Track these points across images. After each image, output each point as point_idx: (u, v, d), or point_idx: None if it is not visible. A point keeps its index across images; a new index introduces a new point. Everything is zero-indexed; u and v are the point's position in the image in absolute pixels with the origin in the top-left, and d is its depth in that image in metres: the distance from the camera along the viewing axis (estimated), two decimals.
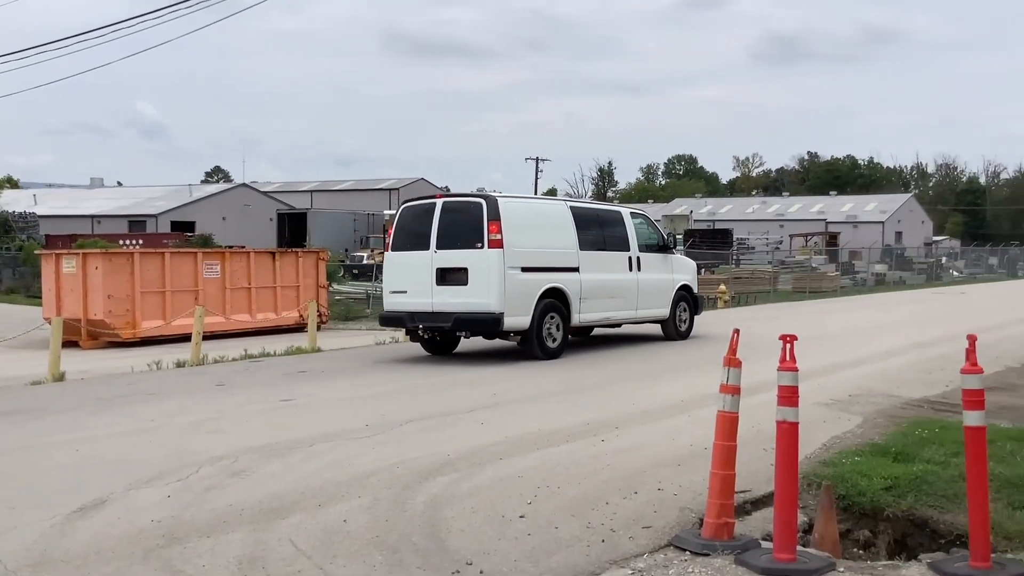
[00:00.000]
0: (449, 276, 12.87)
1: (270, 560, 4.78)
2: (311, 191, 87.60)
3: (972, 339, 4.87)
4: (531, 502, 5.83)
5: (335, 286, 31.05)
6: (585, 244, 14.08)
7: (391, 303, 13.67)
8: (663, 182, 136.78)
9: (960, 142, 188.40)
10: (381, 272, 36.28)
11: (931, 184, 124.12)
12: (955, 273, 56.44)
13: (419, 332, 13.48)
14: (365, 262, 45.75)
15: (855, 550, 5.95)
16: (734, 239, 57.51)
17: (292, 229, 61.24)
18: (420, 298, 13.12)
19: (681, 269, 16.42)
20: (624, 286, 14.78)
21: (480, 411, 9.10)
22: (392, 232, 13.78)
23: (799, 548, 5.00)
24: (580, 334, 15.94)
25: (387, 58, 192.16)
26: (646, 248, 15.57)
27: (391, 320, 13.81)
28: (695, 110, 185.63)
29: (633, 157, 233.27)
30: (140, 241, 43.60)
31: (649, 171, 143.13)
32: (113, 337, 19.41)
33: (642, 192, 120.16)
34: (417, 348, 14.38)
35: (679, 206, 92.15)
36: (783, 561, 4.77)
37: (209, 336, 18.17)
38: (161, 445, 7.64)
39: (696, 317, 16.73)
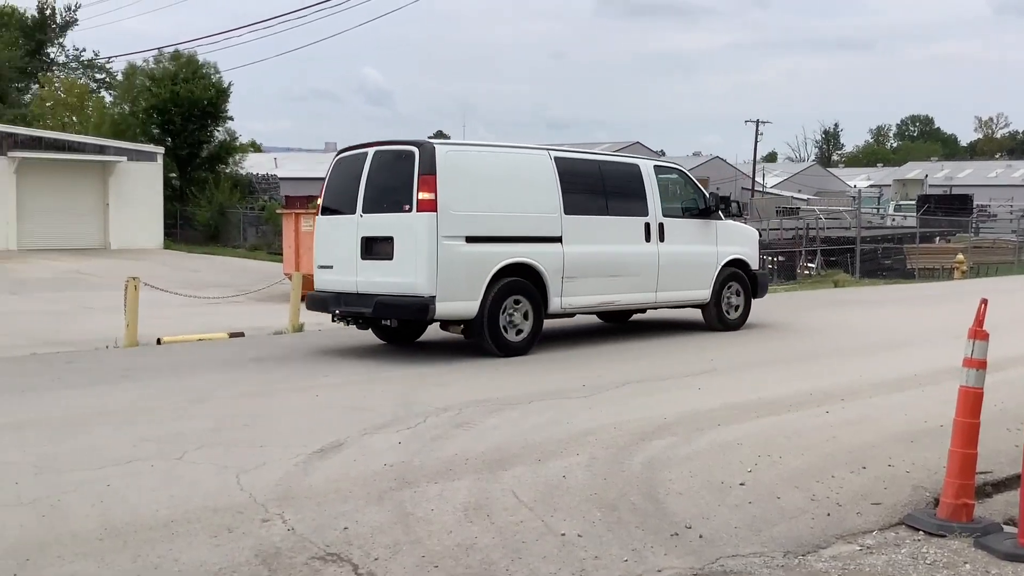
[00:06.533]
0: (375, 247, 10.09)
1: (494, 509, 4.95)
2: None
3: None
4: (751, 470, 5.72)
5: None
6: (574, 206, 10.83)
7: (319, 281, 10.85)
8: (895, 144, 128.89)
9: None
10: None
11: None
12: None
13: (346, 319, 10.70)
14: None
15: None
16: (974, 206, 53.50)
17: None
18: (345, 275, 10.42)
19: (731, 239, 12.75)
20: (636, 261, 11.44)
21: (698, 376, 8.99)
22: (323, 190, 11.13)
23: None
24: (614, 319, 13.26)
25: (601, 20, 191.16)
26: (676, 212, 12.24)
27: (316, 302, 10.82)
28: (931, 67, 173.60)
29: (861, 118, 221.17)
30: None
31: (879, 133, 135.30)
32: None
33: (871, 155, 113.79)
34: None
35: (912, 170, 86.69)
36: None
37: None
38: (391, 394, 8.06)
39: (756, 300, 13.12)
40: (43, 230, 33.04)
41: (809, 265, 30.90)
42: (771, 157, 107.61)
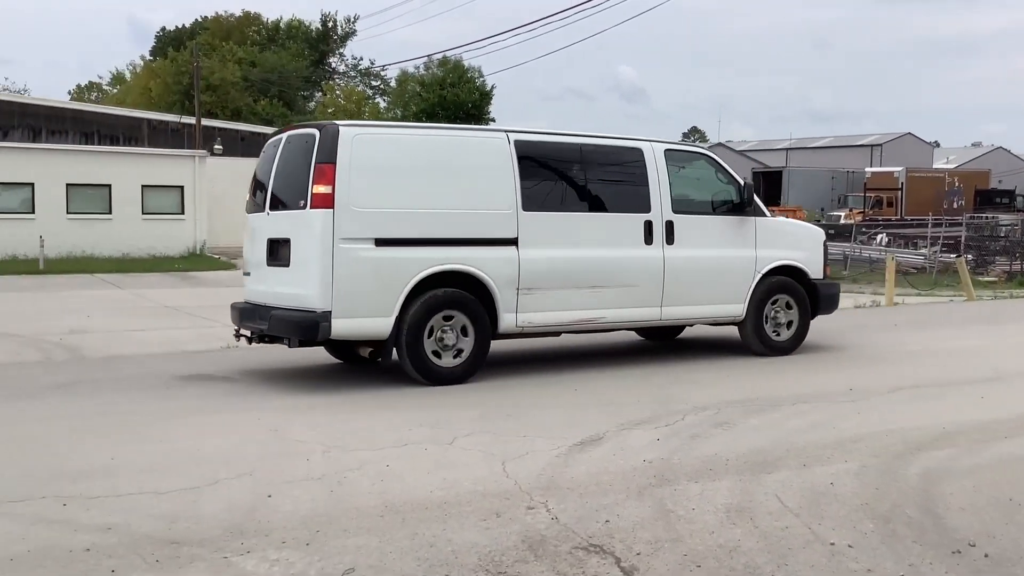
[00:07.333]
0: (277, 251, 8.65)
1: (757, 512, 4.85)
2: (786, 149, 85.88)
3: None
4: None
5: None
6: (539, 201, 8.88)
7: (245, 291, 9.49)
8: None
9: None
10: (859, 233, 34.59)
11: None
12: None
13: (248, 336, 8.95)
14: (842, 222, 43.96)
15: None
16: None
17: (767, 188, 60.70)
18: (257, 284, 9.14)
19: (778, 241, 10.27)
20: (630, 268, 9.29)
21: (981, 384, 8.34)
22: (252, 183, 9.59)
23: None
24: (653, 336, 11.41)
25: (869, 4, 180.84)
26: (696, 207, 9.95)
27: (232, 314, 9.39)
28: None
29: None
30: None
31: None
32: None
33: None
34: (911, 313, 13.51)
35: None
36: None
37: None
38: (648, 391, 8.09)
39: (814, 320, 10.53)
40: None
41: None
42: None
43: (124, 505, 4.90)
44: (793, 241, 10.43)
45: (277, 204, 8.74)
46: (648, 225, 9.39)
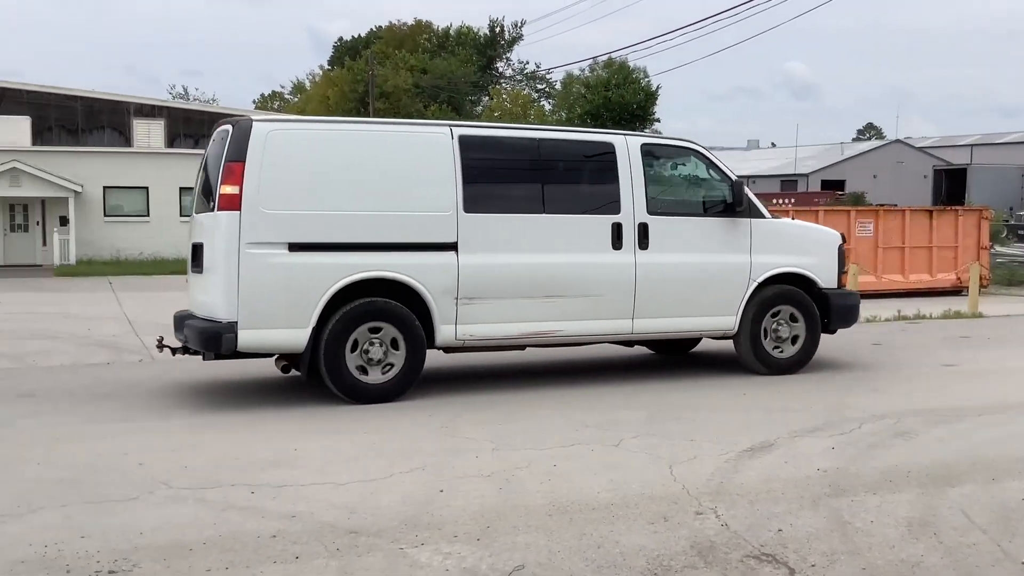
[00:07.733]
0: (197, 256, 8.10)
1: (941, 527, 4.62)
2: (971, 145, 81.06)
3: None
4: None
5: (997, 248, 28.44)
6: (484, 202, 8.05)
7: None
8: None
9: None
10: None
11: None
12: None
13: (173, 348, 8.32)
14: None
15: None
16: None
17: (949, 186, 57.54)
18: (190, 291, 8.58)
19: (780, 246, 9.07)
20: (593, 276, 8.33)
21: None
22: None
23: None
24: (665, 349, 10.40)
25: None
26: (679, 208, 8.99)
27: (174, 324, 8.62)
28: None
29: None
30: (792, 200, 44.75)
31: None
32: None
33: None
34: None
35: None
36: None
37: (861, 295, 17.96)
38: (821, 397, 7.84)
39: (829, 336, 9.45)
40: None
41: None
42: None
43: (307, 494, 5.15)
44: (797, 246, 9.20)
45: (199, 206, 8.31)
46: (617, 228, 8.43)
